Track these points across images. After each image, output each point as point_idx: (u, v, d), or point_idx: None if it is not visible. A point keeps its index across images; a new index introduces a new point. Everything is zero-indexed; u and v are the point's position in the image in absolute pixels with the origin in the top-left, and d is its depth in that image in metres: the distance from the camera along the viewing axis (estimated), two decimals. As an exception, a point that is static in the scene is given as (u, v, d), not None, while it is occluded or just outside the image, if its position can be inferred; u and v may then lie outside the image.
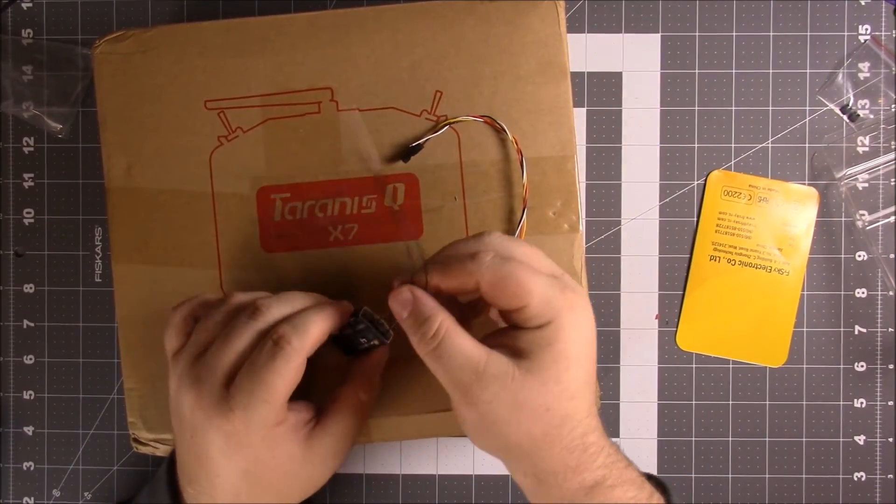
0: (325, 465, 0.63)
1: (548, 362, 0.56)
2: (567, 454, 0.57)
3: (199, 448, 0.59)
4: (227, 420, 0.57)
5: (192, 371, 0.59)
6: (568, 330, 0.56)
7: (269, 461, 0.59)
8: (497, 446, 0.59)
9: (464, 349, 0.56)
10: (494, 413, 0.56)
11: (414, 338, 0.58)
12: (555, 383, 0.56)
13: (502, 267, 0.55)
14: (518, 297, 0.55)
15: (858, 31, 0.82)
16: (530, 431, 0.56)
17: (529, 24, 0.70)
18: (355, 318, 0.63)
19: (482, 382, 0.55)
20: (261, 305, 0.60)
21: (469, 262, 0.56)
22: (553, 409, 0.56)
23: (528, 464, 0.58)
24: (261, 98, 0.70)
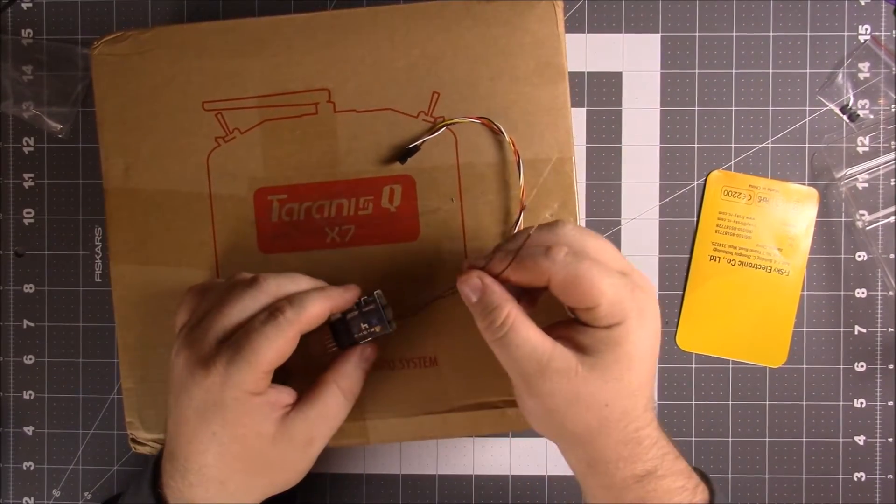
0: (296, 451, 0.63)
1: (611, 361, 0.56)
2: (621, 446, 0.58)
3: (180, 409, 0.60)
4: (207, 374, 0.58)
5: (190, 334, 0.60)
6: (635, 332, 0.57)
7: (237, 428, 0.59)
8: (553, 433, 0.61)
9: (529, 340, 0.56)
10: (554, 403, 0.57)
11: (482, 324, 0.59)
12: (616, 381, 0.57)
13: (576, 266, 0.55)
14: (589, 298, 0.55)
15: (858, 31, 0.81)
16: (588, 423, 0.57)
17: (527, 25, 0.70)
18: (364, 301, 0.63)
19: (545, 375, 0.56)
20: (261, 276, 0.62)
21: (543, 258, 0.56)
22: (612, 404, 0.57)
23: (582, 451, 0.60)
24: (258, 99, 0.70)
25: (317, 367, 0.66)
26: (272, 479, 0.63)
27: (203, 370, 0.58)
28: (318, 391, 0.64)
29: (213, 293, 0.63)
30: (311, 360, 0.64)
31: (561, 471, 0.83)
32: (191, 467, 0.60)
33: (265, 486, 0.63)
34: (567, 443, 0.61)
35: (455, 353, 0.70)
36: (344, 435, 0.70)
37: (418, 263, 0.70)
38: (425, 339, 0.70)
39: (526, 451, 0.83)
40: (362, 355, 0.66)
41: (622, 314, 0.56)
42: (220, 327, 0.59)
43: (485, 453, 0.83)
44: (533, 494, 0.83)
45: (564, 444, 0.62)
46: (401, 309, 0.67)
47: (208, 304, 0.62)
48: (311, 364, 0.65)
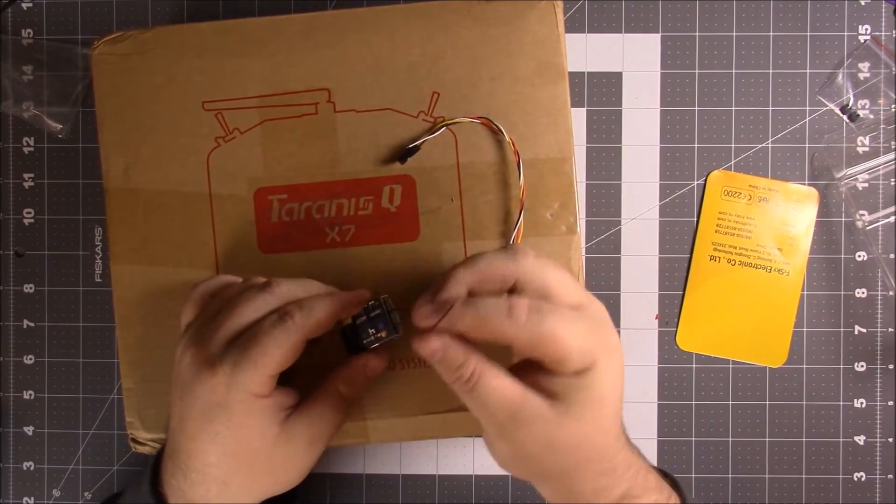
0: (298, 452, 0.63)
1: (583, 406, 0.56)
2: (598, 478, 0.58)
3: (184, 407, 0.60)
4: (212, 374, 0.58)
5: (198, 332, 0.60)
6: (604, 372, 0.56)
7: (241, 430, 0.59)
8: (527, 474, 0.61)
9: (497, 390, 0.55)
10: (527, 450, 0.57)
11: (448, 379, 0.57)
12: (589, 423, 0.56)
13: (540, 326, 0.54)
14: (558, 353, 0.55)
15: (858, 31, 0.81)
16: (563, 464, 0.57)
17: (527, 25, 0.70)
18: (371, 305, 0.63)
19: (517, 423, 0.56)
20: (273, 281, 0.62)
21: (505, 319, 0.54)
22: (585, 444, 0.57)
23: (560, 487, 0.60)
24: (258, 99, 0.70)
25: (321, 368, 0.66)
26: (274, 480, 0.63)
27: (209, 370, 0.58)
28: (321, 394, 0.64)
29: (224, 295, 0.63)
30: (316, 360, 0.64)
31: (561, 471, 0.83)
32: (193, 466, 0.60)
33: (267, 487, 0.63)
34: (542, 481, 0.61)
35: (455, 353, 0.70)
36: (344, 434, 0.70)
37: (418, 263, 0.70)
38: (426, 340, 0.70)
39: (526, 451, 0.83)
40: (367, 364, 0.66)
41: (591, 359, 0.55)
42: (229, 328, 0.59)
43: (485, 453, 0.83)
44: (533, 494, 0.83)
45: (541, 483, 0.61)
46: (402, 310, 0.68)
47: (219, 304, 0.62)
48: (316, 365, 0.65)
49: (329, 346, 0.65)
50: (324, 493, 0.84)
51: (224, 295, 0.63)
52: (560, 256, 0.70)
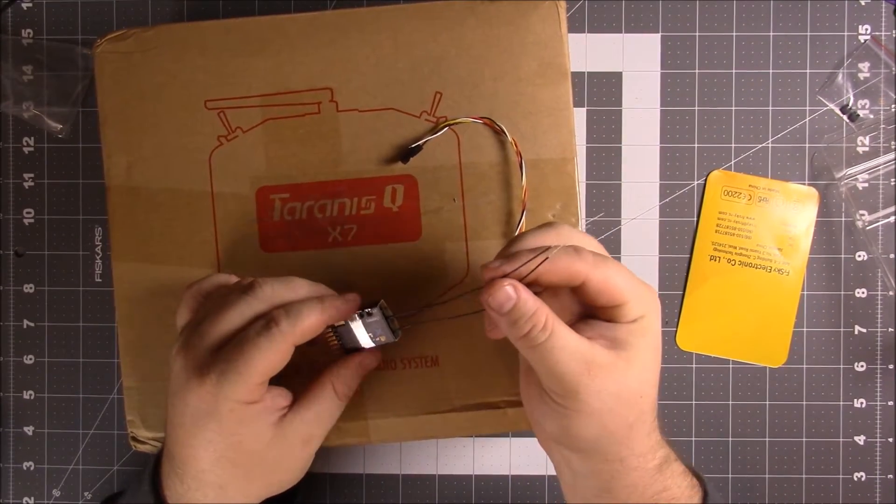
0: (293, 452, 0.63)
1: (644, 351, 0.57)
2: (648, 437, 0.59)
3: (176, 413, 0.60)
4: (201, 383, 0.58)
5: (188, 339, 0.60)
6: (654, 323, 0.57)
7: (233, 436, 0.59)
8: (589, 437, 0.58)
9: (571, 341, 0.55)
10: (600, 402, 0.56)
11: (517, 332, 0.55)
12: (649, 371, 0.58)
13: (605, 267, 0.55)
14: (620, 296, 0.55)
15: (858, 31, 0.81)
16: (626, 418, 0.57)
17: (530, 25, 0.70)
18: (368, 311, 0.63)
19: (591, 373, 0.55)
20: (256, 282, 0.61)
21: (577, 259, 0.55)
22: (645, 395, 0.58)
23: (616, 450, 0.59)
24: (261, 98, 0.70)
25: (313, 365, 0.66)
26: (271, 481, 0.64)
27: (198, 378, 0.58)
28: (314, 393, 0.64)
29: (216, 298, 0.63)
30: (308, 358, 0.64)
31: (561, 471, 0.83)
32: (188, 471, 0.60)
33: (264, 488, 0.64)
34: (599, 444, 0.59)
35: (456, 353, 0.70)
36: (346, 434, 0.70)
37: (420, 263, 0.70)
38: (427, 339, 0.70)
39: (526, 451, 0.83)
40: (361, 362, 0.66)
41: (646, 307, 0.56)
42: (214, 335, 0.59)
43: (485, 453, 0.83)
44: (533, 494, 0.83)
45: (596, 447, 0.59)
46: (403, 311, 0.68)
47: (207, 309, 0.62)
48: (310, 362, 0.65)
49: (323, 344, 0.65)
50: (324, 493, 0.84)
51: (215, 299, 0.63)
52: (562, 256, 0.70)
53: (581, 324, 0.58)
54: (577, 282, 0.55)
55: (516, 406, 0.70)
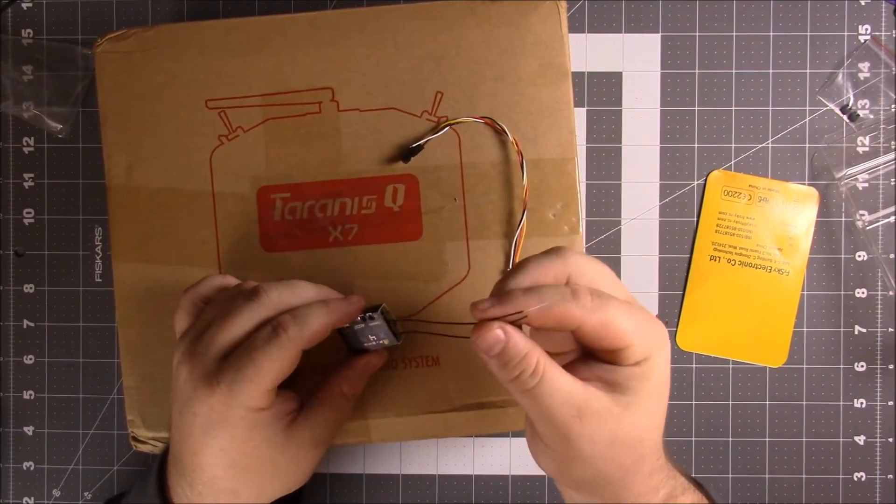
0: (304, 454, 0.63)
1: (644, 397, 0.55)
2: (647, 478, 0.58)
3: (184, 422, 0.60)
4: (210, 393, 0.58)
5: (192, 347, 0.60)
6: (661, 364, 0.55)
7: (246, 443, 0.59)
8: (584, 479, 0.58)
9: (563, 386, 0.53)
10: (591, 448, 0.54)
11: (507, 376, 0.54)
12: (650, 416, 0.56)
13: (604, 310, 0.53)
14: (621, 340, 0.53)
15: (858, 31, 0.82)
16: (622, 463, 0.56)
17: (530, 25, 0.70)
18: (371, 315, 0.63)
19: (583, 419, 0.53)
20: (261, 288, 0.61)
21: (572, 304, 0.52)
22: (644, 440, 0.56)
23: (613, 491, 0.58)
24: (261, 98, 0.70)
25: (321, 368, 0.66)
26: (283, 482, 0.64)
27: (206, 388, 0.58)
28: (323, 395, 0.64)
29: (217, 303, 0.63)
30: (316, 361, 0.64)
31: (561, 471, 0.83)
32: (199, 479, 0.60)
33: (275, 490, 0.64)
34: (597, 485, 0.58)
35: (457, 353, 0.70)
36: (346, 434, 0.70)
37: (421, 263, 0.70)
38: (427, 339, 0.69)
39: (526, 451, 0.82)
40: (368, 363, 0.66)
41: (650, 349, 0.54)
42: (221, 342, 0.59)
43: (485, 453, 0.83)
44: (533, 494, 0.83)
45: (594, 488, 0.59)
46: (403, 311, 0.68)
47: (210, 315, 0.61)
48: (317, 365, 0.65)
49: (329, 346, 0.65)
50: (324, 493, 0.84)
51: (217, 302, 0.63)
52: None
53: (580, 363, 0.57)
54: (571, 327, 0.53)
55: (516, 406, 0.70)
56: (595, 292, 0.53)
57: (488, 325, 0.53)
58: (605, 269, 0.57)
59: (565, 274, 0.55)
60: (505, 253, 0.69)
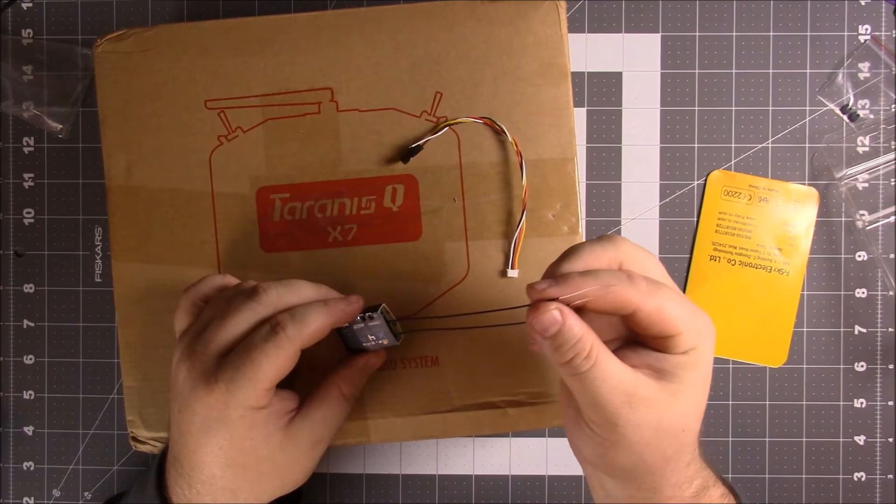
0: (303, 454, 0.63)
1: (690, 386, 0.55)
2: (686, 468, 0.58)
3: (183, 421, 0.60)
4: (209, 392, 0.58)
5: (191, 346, 0.60)
6: (707, 354, 0.55)
7: (245, 442, 0.59)
8: (624, 466, 0.57)
9: (615, 372, 0.53)
10: (640, 435, 0.54)
11: (560, 359, 0.53)
12: (694, 406, 0.56)
13: (657, 296, 0.53)
14: (673, 327, 0.53)
15: (858, 31, 0.81)
16: (664, 451, 0.56)
17: (530, 25, 0.70)
18: (370, 314, 0.63)
19: (633, 406, 0.53)
20: (260, 287, 0.61)
21: (629, 287, 0.52)
22: (687, 429, 0.56)
23: (651, 480, 0.58)
24: (261, 98, 0.70)
25: (320, 367, 0.66)
26: (282, 482, 0.64)
27: (205, 387, 0.58)
28: (322, 394, 0.64)
29: (216, 303, 0.63)
30: (314, 360, 0.64)
31: (561, 471, 0.83)
32: (198, 478, 0.60)
33: (274, 490, 0.64)
34: (636, 473, 0.58)
35: (457, 353, 0.70)
36: (345, 434, 0.70)
37: (420, 263, 0.70)
38: (427, 339, 0.70)
39: (526, 451, 0.83)
40: (367, 363, 0.66)
41: (698, 338, 0.54)
42: (220, 341, 0.59)
43: (485, 453, 0.83)
44: (533, 494, 0.83)
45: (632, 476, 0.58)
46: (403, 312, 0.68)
47: (209, 315, 0.62)
48: (316, 365, 0.65)
49: (328, 346, 0.65)
50: (324, 493, 0.84)
51: (215, 304, 0.63)
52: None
53: (627, 349, 0.56)
54: (627, 311, 0.53)
55: (516, 406, 0.70)
56: (648, 278, 0.54)
57: (545, 306, 0.53)
58: (654, 258, 0.57)
59: (617, 260, 0.55)
60: (504, 253, 0.69)
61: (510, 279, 0.69)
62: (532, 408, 0.70)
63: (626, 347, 0.57)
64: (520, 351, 0.69)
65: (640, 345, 0.56)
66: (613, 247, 0.55)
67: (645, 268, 0.56)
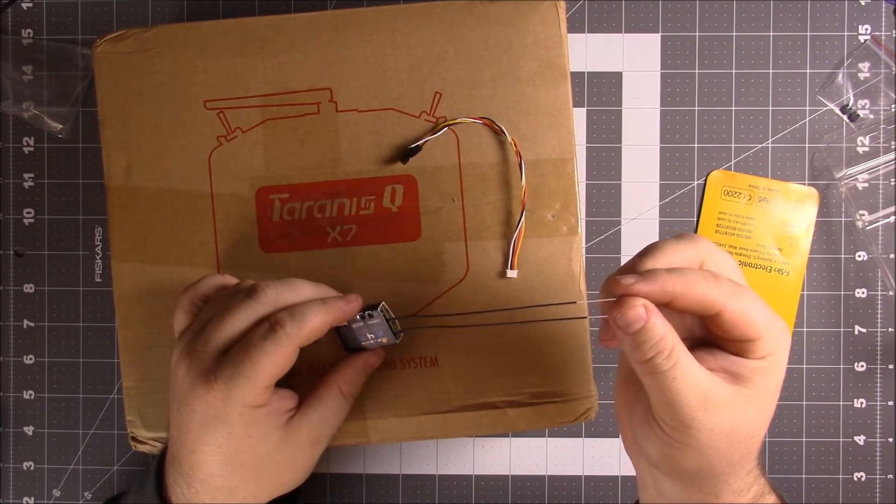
0: (302, 453, 0.63)
1: (765, 392, 0.54)
2: (747, 475, 0.57)
3: (182, 419, 0.60)
4: (208, 389, 0.58)
5: (190, 345, 0.60)
6: (782, 362, 0.54)
7: (243, 439, 0.59)
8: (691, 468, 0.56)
9: (694, 374, 0.52)
10: (710, 439, 0.53)
11: (641, 356, 0.52)
12: (766, 413, 0.55)
13: (741, 298, 0.52)
14: (754, 331, 0.52)
15: (858, 31, 0.81)
16: (732, 457, 0.55)
17: (529, 25, 0.70)
18: (370, 313, 0.63)
19: (709, 409, 0.52)
20: (259, 285, 0.61)
21: (714, 286, 0.51)
22: (756, 436, 0.55)
23: (713, 484, 0.57)
24: (260, 98, 0.70)
25: (319, 366, 0.66)
26: (280, 481, 0.64)
27: (204, 385, 0.58)
28: (321, 393, 0.64)
29: (215, 301, 0.63)
30: (313, 359, 0.64)
31: (561, 471, 0.83)
32: (196, 476, 0.60)
33: (273, 489, 0.64)
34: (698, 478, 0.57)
35: (456, 354, 0.70)
36: (345, 434, 0.70)
37: (419, 263, 0.70)
38: (426, 340, 0.70)
39: (526, 451, 0.83)
40: (366, 361, 0.66)
41: (776, 344, 0.53)
42: (219, 339, 0.59)
43: (485, 453, 0.83)
44: (533, 494, 0.83)
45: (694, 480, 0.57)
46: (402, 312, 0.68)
47: (208, 314, 0.62)
48: (315, 364, 0.65)
49: (327, 345, 0.65)
50: (324, 493, 0.84)
51: (215, 301, 0.63)
52: (561, 257, 0.70)
53: (702, 351, 0.55)
54: (711, 311, 0.52)
55: (516, 406, 0.70)
56: (732, 280, 0.53)
57: (631, 301, 0.51)
58: (733, 260, 0.56)
59: (698, 259, 0.55)
60: (503, 254, 0.69)
61: (509, 279, 0.69)
62: (531, 408, 0.70)
63: (701, 349, 0.55)
64: (519, 351, 0.69)
65: (715, 347, 0.55)
66: (695, 245, 0.55)
67: (724, 269, 0.55)
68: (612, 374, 0.82)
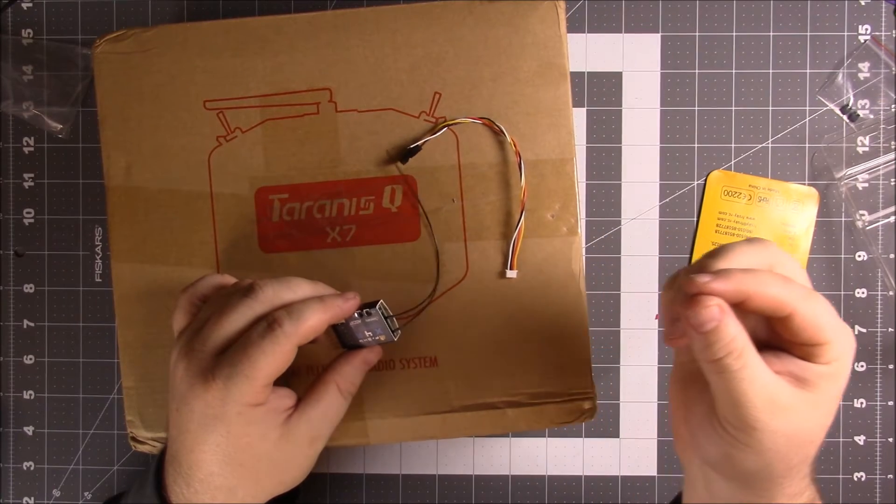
0: (301, 451, 0.63)
1: (828, 398, 0.54)
2: (802, 480, 0.57)
3: (181, 419, 0.60)
4: (206, 389, 0.58)
5: (188, 344, 0.60)
6: (848, 368, 0.54)
7: (242, 438, 0.59)
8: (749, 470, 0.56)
9: (762, 376, 0.51)
10: (772, 442, 0.53)
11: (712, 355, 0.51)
12: (827, 419, 0.55)
13: (812, 303, 0.51)
14: (822, 336, 0.52)
15: (858, 31, 0.81)
16: (791, 461, 0.55)
17: (529, 25, 0.70)
18: (368, 310, 0.63)
19: (774, 412, 0.52)
20: (257, 284, 0.61)
21: (785, 289, 0.51)
22: (816, 441, 0.55)
23: (768, 487, 0.56)
24: (260, 98, 0.70)
25: (317, 364, 0.66)
26: (279, 480, 0.64)
27: (202, 384, 0.58)
28: (319, 391, 0.64)
29: (214, 301, 0.63)
30: (311, 358, 0.64)
31: (561, 471, 0.83)
32: (195, 476, 0.60)
33: (272, 488, 0.64)
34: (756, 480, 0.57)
35: (455, 354, 0.70)
36: (344, 435, 0.70)
37: (419, 264, 0.70)
38: (426, 340, 0.70)
39: (526, 451, 0.83)
40: (365, 359, 0.66)
41: (843, 350, 0.53)
42: (217, 338, 0.59)
43: (485, 453, 0.83)
44: (533, 494, 0.83)
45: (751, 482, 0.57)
46: (402, 310, 0.68)
47: (207, 313, 0.62)
48: (311, 362, 0.65)
49: (325, 343, 0.65)
50: (324, 493, 0.84)
51: (213, 300, 0.63)
52: (561, 257, 0.70)
53: (769, 353, 0.54)
54: (783, 313, 0.52)
55: (515, 406, 0.70)
56: (803, 284, 0.53)
57: (706, 300, 0.51)
58: (801, 267, 0.56)
59: (768, 263, 0.54)
60: (503, 254, 0.69)
61: (509, 280, 0.69)
62: (531, 408, 0.70)
63: (767, 351, 0.55)
64: (519, 351, 0.69)
65: (782, 350, 0.55)
66: (765, 249, 0.54)
67: (793, 274, 0.54)
68: (612, 374, 0.82)
